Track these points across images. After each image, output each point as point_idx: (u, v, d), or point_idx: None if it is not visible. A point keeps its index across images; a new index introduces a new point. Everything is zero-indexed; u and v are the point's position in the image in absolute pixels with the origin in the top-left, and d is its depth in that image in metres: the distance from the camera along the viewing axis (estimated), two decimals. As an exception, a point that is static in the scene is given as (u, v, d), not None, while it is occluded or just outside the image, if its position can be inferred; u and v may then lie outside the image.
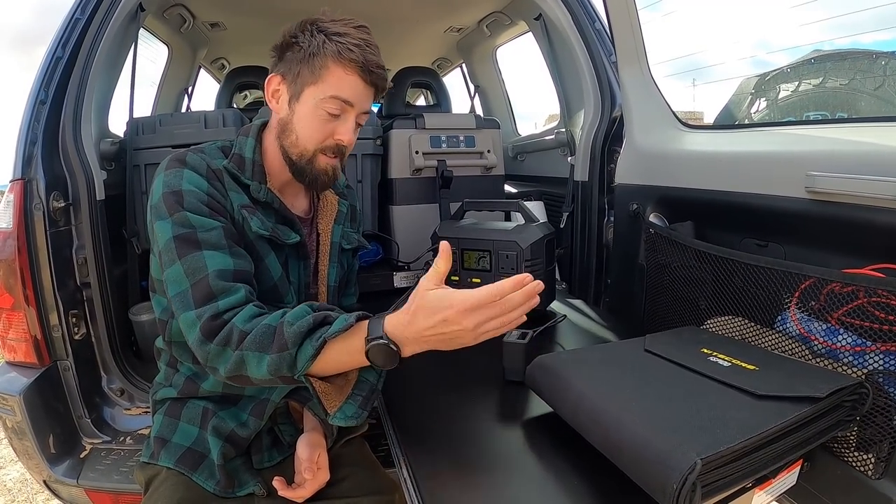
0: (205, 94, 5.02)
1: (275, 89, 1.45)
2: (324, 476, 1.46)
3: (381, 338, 1.15)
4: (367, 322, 1.20)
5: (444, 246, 1.18)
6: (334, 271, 1.64)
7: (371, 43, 1.41)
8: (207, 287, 1.24)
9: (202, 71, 4.46)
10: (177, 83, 4.04)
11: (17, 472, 3.41)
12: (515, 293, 1.11)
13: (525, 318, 1.15)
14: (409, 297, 1.16)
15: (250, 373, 1.20)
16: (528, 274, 1.13)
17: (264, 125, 1.54)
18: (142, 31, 2.72)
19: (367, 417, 1.28)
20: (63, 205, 1.99)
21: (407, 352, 1.17)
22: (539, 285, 1.13)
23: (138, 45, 2.55)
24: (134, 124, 2.40)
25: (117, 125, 2.56)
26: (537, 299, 1.15)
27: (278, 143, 1.47)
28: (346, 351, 1.19)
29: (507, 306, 1.11)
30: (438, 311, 1.10)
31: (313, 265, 1.61)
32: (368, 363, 1.19)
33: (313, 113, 1.41)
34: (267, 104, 1.50)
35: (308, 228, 1.62)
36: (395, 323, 1.16)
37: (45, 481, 2.01)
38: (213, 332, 1.21)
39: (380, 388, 1.34)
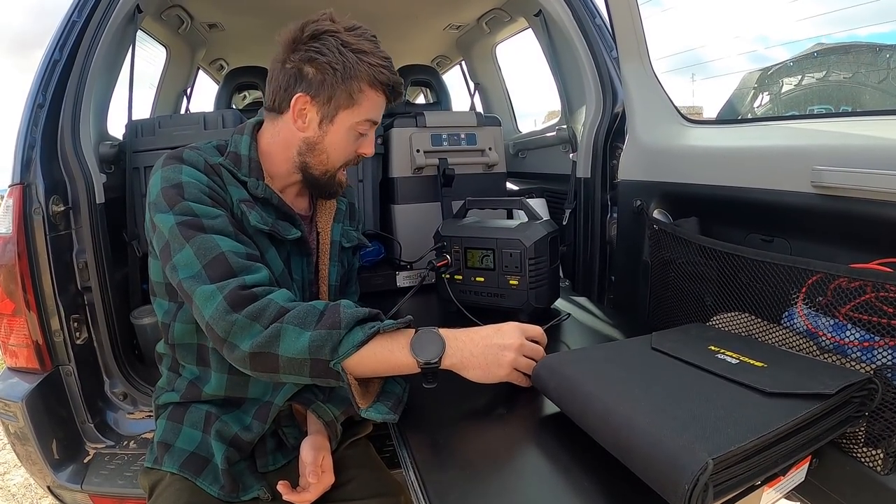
0: (204, 95, 5.01)
1: (301, 108, 1.43)
2: (328, 479, 1.46)
3: (433, 329, 1.27)
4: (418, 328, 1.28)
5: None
6: (335, 270, 1.65)
7: (389, 58, 1.45)
8: (226, 264, 1.24)
9: (201, 72, 4.45)
10: (176, 85, 4.04)
11: (21, 478, 3.41)
12: (540, 345, 1.36)
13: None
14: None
15: (283, 349, 1.17)
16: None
17: (259, 124, 1.54)
18: (140, 32, 2.72)
19: (397, 419, 1.29)
20: (63, 209, 1.98)
21: (447, 359, 1.26)
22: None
23: (136, 47, 2.54)
24: (133, 126, 2.40)
25: (116, 127, 2.56)
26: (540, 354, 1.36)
27: (298, 159, 1.48)
28: (388, 347, 1.23)
29: (538, 351, 1.34)
30: (499, 325, 1.31)
31: (314, 264, 1.62)
32: (404, 363, 1.24)
33: (347, 135, 1.46)
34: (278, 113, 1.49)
35: (308, 227, 1.62)
36: (453, 335, 1.29)
37: (49, 487, 2.01)
38: (242, 303, 1.19)
39: (405, 399, 1.36)
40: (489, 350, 1.27)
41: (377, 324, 1.22)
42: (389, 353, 1.23)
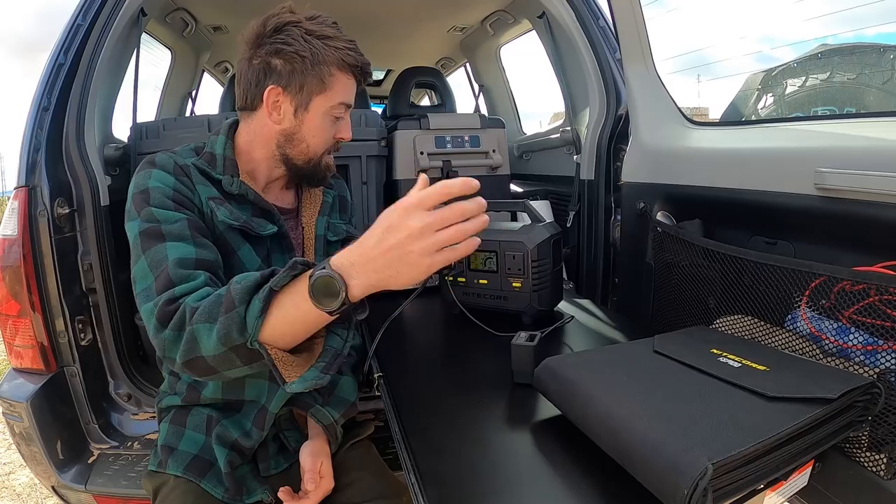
0: (209, 97, 5.02)
1: (274, 101, 1.44)
2: (328, 484, 1.46)
3: (323, 268, 1.05)
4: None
5: (421, 177, 1.07)
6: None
7: (355, 42, 1.46)
8: (167, 277, 1.19)
9: (206, 75, 4.46)
10: (180, 87, 4.05)
11: (26, 477, 3.41)
12: (470, 202, 1.02)
13: (476, 239, 1.05)
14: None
15: (204, 350, 1.11)
16: (475, 181, 1.03)
17: (236, 124, 1.55)
18: (145, 35, 2.73)
19: (328, 380, 1.18)
20: (67, 211, 1.99)
21: (354, 284, 1.04)
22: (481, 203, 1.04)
23: (141, 50, 2.55)
24: (137, 129, 2.40)
25: (121, 130, 2.56)
26: (486, 218, 1.05)
27: (279, 152, 1.49)
28: (294, 302, 1.09)
29: (455, 212, 1.00)
30: (383, 219, 1.02)
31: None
32: (318, 315, 1.08)
33: (323, 120, 1.46)
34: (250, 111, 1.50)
35: (293, 221, 1.62)
36: (341, 253, 1.07)
37: (53, 487, 2.02)
38: (168, 317, 1.14)
39: (345, 351, 1.24)
40: (390, 256, 1.01)
41: (267, 285, 1.09)
42: (297, 310, 1.09)
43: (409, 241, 0.99)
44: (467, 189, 1.02)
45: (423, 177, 1.06)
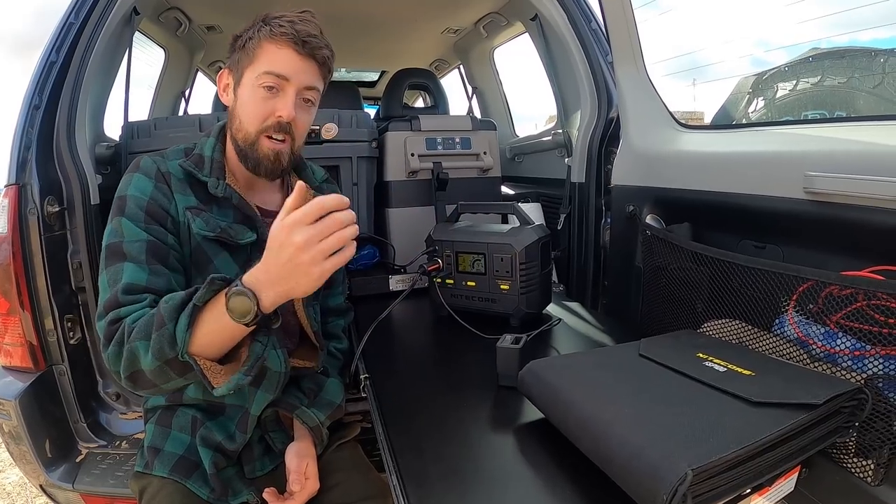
0: (203, 97, 5.01)
1: (225, 83, 1.49)
2: (313, 485, 1.46)
3: (237, 285, 1.14)
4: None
5: (298, 185, 1.13)
6: None
7: (306, 19, 1.43)
8: (116, 297, 1.25)
9: (199, 74, 4.45)
10: (174, 86, 4.04)
11: (16, 476, 3.40)
12: (342, 213, 1.10)
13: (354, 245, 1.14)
14: None
15: (143, 364, 1.19)
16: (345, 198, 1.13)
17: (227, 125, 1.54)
18: (138, 34, 2.72)
19: (248, 381, 1.24)
20: (58, 209, 1.98)
21: (264, 297, 1.14)
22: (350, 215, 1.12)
23: (134, 49, 2.55)
24: (129, 128, 2.39)
25: (114, 128, 2.56)
26: (356, 227, 1.14)
27: (230, 134, 1.49)
28: (215, 317, 1.17)
29: (333, 223, 1.09)
30: (274, 238, 1.11)
31: None
32: (238, 329, 1.17)
33: (252, 93, 1.42)
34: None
35: None
36: (250, 271, 1.16)
37: (41, 486, 2.02)
38: (111, 336, 1.22)
39: (266, 355, 1.27)
40: (286, 269, 1.11)
41: (191, 302, 1.17)
42: (218, 323, 1.17)
43: (297, 253, 1.08)
44: (341, 205, 1.11)
45: (300, 184, 1.13)
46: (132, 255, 1.30)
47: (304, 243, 1.07)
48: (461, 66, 4.61)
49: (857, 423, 1.17)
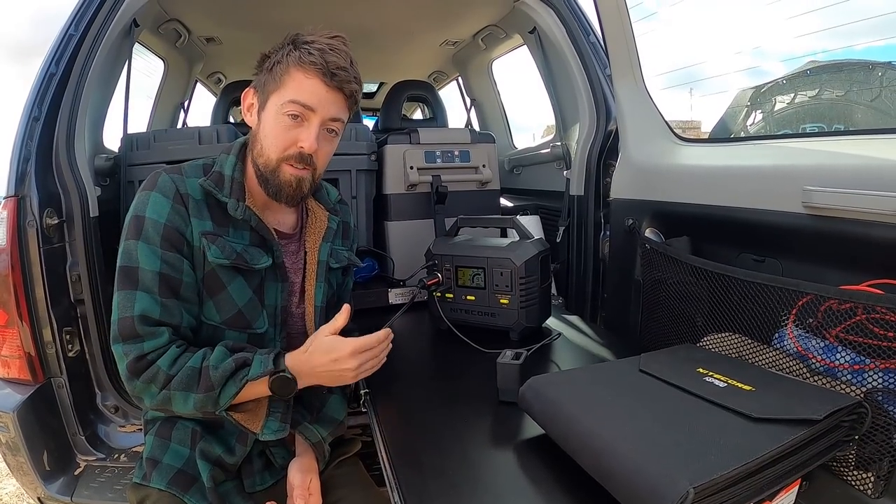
0: (202, 108, 5.02)
1: (249, 103, 1.48)
2: (316, 501, 1.45)
3: (284, 371, 1.36)
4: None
5: (345, 308, 1.43)
6: (321, 291, 1.61)
7: (337, 47, 1.41)
8: (133, 328, 1.31)
9: (199, 85, 4.46)
10: (173, 97, 4.05)
11: (13, 486, 3.38)
12: (384, 343, 1.44)
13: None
14: (308, 340, 1.42)
15: (175, 408, 1.34)
16: (390, 331, 1.46)
17: (247, 143, 1.53)
18: (138, 45, 2.72)
19: (289, 429, 1.44)
20: (57, 221, 1.98)
21: (301, 383, 1.38)
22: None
23: (134, 59, 2.56)
24: (128, 140, 2.40)
25: (113, 140, 2.56)
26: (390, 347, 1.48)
27: (250, 156, 1.48)
28: (255, 386, 1.35)
29: (377, 352, 1.42)
30: (331, 352, 1.37)
31: (300, 284, 1.59)
32: (267, 395, 1.38)
33: (275, 120, 1.41)
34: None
35: (296, 245, 1.60)
36: (295, 359, 1.38)
37: (39, 498, 2.01)
38: (139, 372, 1.31)
39: (292, 402, 1.46)
40: (331, 374, 1.39)
41: (245, 373, 1.33)
42: (255, 390, 1.36)
43: (346, 371, 1.38)
44: (388, 338, 1.46)
45: (346, 308, 1.44)
46: (145, 284, 1.33)
47: (357, 366, 1.38)
48: (460, 78, 4.62)
49: (856, 437, 1.17)
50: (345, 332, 1.75)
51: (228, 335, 1.44)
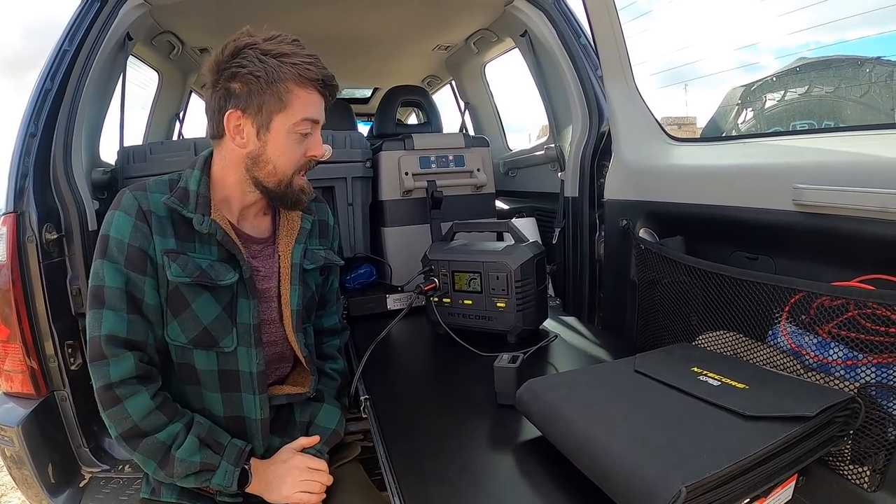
0: (197, 119, 5.02)
1: (236, 125, 1.42)
2: (326, 478, 1.51)
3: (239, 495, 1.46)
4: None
5: (314, 438, 1.57)
6: (296, 294, 1.57)
7: (317, 57, 1.43)
8: (100, 349, 1.32)
9: (194, 96, 4.46)
10: (168, 108, 4.05)
11: (18, 500, 3.38)
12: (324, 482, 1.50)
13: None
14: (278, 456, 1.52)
15: (136, 459, 1.37)
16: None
17: (211, 155, 1.52)
18: (132, 58, 2.73)
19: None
20: (56, 236, 1.99)
21: (251, 487, 1.45)
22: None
23: (128, 71, 2.56)
24: (125, 153, 2.40)
25: (109, 153, 2.57)
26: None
27: (248, 176, 1.46)
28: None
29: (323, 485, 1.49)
30: (285, 473, 1.47)
31: (276, 289, 1.58)
32: None
33: (287, 139, 1.42)
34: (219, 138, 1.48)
35: (270, 249, 1.59)
36: (257, 471, 1.45)
37: (45, 510, 2.01)
38: (107, 404, 1.33)
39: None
40: (281, 475, 1.47)
41: (206, 481, 1.38)
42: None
43: (292, 470, 1.48)
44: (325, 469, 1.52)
45: (315, 438, 1.58)
46: (111, 302, 1.34)
47: (310, 476, 1.48)
48: (453, 82, 4.62)
49: (851, 432, 1.18)
50: (336, 332, 1.87)
51: (197, 356, 1.42)
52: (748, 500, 1.03)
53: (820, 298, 1.32)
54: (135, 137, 3.49)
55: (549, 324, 2.15)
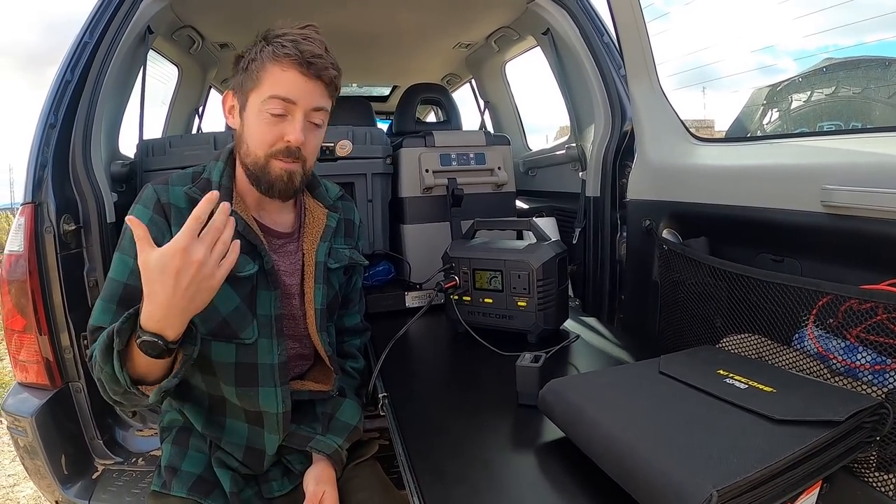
0: (217, 113, 5.02)
1: (230, 105, 1.46)
2: None
3: (140, 335, 1.13)
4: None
5: (129, 219, 1.15)
6: (320, 293, 1.56)
7: (309, 36, 1.39)
8: (90, 334, 1.33)
9: (213, 90, 4.47)
10: (188, 103, 4.06)
11: (30, 490, 3.40)
12: (217, 215, 1.12)
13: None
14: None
15: (112, 395, 1.25)
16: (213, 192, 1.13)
17: None
18: (152, 52, 2.74)
19: (175, 383, 1.24)
20: (74, 228, 2.00)
21: (170, 331, 1.14)
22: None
23: (149, 65, 2.57)
24: (144, 146, 2.41)
25: (129, 146, 2.57)
26: (233, 220, 1.17)
27: (239, 157, 1.46)
28: (138, 354, 1.16)
29: (217, 227, 1.12)
30: (167, 267, 1.08)
31: (298, 286, 1.57)
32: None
33: (258, 117, 1.39)
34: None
35: (294, 246, 1.58)
36: (145, 311, 1.13)
37: (57, 501, 2.02)
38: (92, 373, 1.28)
39: (194, 355, 1.28)
40: (190, 292, 1.12)
41: (114, 351, 1.16)
42: (144, 359, 1.17)
43: (198, 271, 1.10)
44: (211, 204, 1.11)
45: (131, 219, 1.16)
46: (105, 293, 1.35)
47: (202, 257, 1.09)
48: (473, 81, 4.62)
49: (878, 438, 1.16)
50: (358, 332, 1.84)
51: (215, 347, 1.41)
52: (774, 505, 1.01)
53: (848, 302, 1.29)
54: (154, 133, 3.49)
55: (569, 324, 2.13)
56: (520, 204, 3.18)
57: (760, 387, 1.21)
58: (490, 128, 4.53)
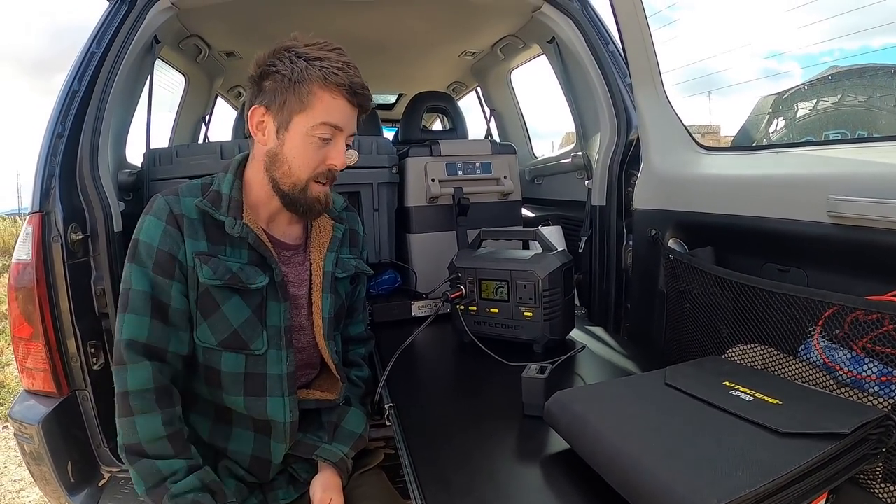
0: (223, 122, 5.04)
1: (259, 121, 1.45)
2: None
3: None
4: None
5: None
6: (328, 302, 1.58)
7: (352, 65, 1.43)
8: (120, 353, 1.35)
9: (220, 99, 4.48)
10: (195, 112, 4.08)
11: (36, 495, 3.40)
12: None
13: None
14: None
15: (130, 473, 1.34)
16: None
17: (246, 158, 1.53)
18: (159, 61, 2.75)
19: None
20: (81, 237, 2.00)
21: None
22: None
23: (155, 74, 2.58)
24: (151, 155, 2.41)
25: (136, 155, 2.58)
26: None
27: (267, 175, 1.47)
28: None
29: None
30: None
31: (307, 296, 1.59)
32: None
33: (305, 141, 1.42)
34: (251, 136, 1.49)
35: (301, 257, 1.60)
36: None
37: (62, 508, 2.02)
38: (120, 412, 1.34)
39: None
40: None
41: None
42: None
43: None
44: None
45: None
46: (134, 306, 1.35)
47: None
48: (478, 89, 4.62)
49: (884, 450, 1.16)
50: (362, 341, 1.85)
51: (225, 358, 1.43)
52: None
53: (854, 313, 1.29)
54: (160, 141, 3.51)
55: (575, 334, 2.13)
56: (526, 212, 3.18)
57: (766, 399, 1.20)
58: (496, 135, 4.53)
